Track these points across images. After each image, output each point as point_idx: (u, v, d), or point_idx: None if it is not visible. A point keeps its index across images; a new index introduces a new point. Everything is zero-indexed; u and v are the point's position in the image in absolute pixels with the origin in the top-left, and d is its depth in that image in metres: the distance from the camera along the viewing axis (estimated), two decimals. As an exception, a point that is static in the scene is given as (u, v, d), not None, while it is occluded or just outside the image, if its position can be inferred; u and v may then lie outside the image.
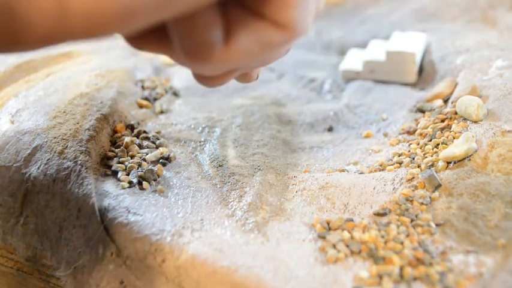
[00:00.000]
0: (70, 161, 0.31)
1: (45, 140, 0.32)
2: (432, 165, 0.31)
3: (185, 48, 0.21)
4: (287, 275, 0.24)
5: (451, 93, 0.38)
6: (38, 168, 0.31)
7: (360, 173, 0.32)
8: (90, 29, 0.17)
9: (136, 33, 0.21)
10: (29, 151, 0.32)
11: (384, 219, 0.27)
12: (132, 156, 0.33)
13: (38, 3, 0.16)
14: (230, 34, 0.21)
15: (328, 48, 0.54)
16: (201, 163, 0.34)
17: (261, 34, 0.21)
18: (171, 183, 0.32)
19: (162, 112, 0.40)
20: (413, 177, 0.30)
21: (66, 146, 0.32)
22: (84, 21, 0.16)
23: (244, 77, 0.29)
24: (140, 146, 0.35)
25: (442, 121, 0.34)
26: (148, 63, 0.48)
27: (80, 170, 0.30)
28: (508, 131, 0.31)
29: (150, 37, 0.22)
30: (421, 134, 0.34)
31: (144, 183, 0.31)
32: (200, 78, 0.26)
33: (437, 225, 0.27)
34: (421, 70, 0.45)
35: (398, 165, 0.32)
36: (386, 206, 0.28)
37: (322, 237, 0.26)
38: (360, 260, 0.25)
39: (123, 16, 0.16)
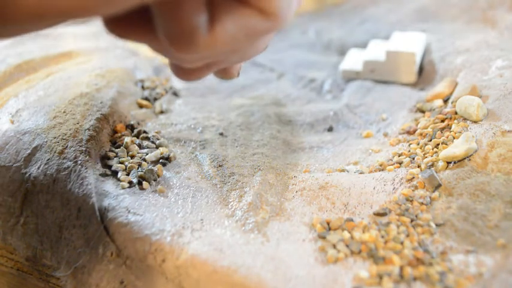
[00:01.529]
0: (70, 161, 0.31)
1: (45, 140, 0.32)
2: (432, 165, 0.31)
3: (169, 34, 0.20)
4: (287, 275, 0.24)
5: (451, 93, 0.38)
6: (38, 168, 0.31)
7: (360, 173, 0.32)
8: (74, 7, 0.17)
9: (117, 19, 0.21)
10: (29, 151, 0.32)
11: (384, 219, 0.27)
12: (132, 156, 0.33)
13: None
14: (215, 20, 0.21)
15: (328, 48, 0.54)
16: (201, 163, 0.34)
17: (245, 20, 0.21)
18: (171, 183, 0.32)
19: (162, 112, 0.40)
20: (413, 177, 0.30)
21: (66, 146, 0.32)
22: None
23: (225, 73, 0.28)
24: (140, 146, 0.35)
25: (442, 121, 0.34)
26: (148, 63, 0.48)
27: (80, 170, 0.30)
28: (508, 131, 0.31)
29: (131, 24, 0.21)
30: (421, 134, 0.34)
31: (144, 183, 0.31)
32: (178, 70, 0.26)
33: (437, 225, 0.27)
34: (421, 70, 0.45)
35: (398, 165, 0.32)
36: (386, 206, 0.28)
37: (322, 237, 0.26)
38: (360, 260, 0.25)
39: None
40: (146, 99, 0.41)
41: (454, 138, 0.32)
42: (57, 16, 0.17)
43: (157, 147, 0.35)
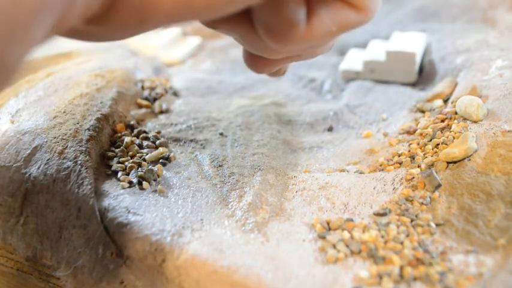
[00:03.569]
0: (70, 161, 0.31)
1: (45, 140, 0.32)
2: (432, 165, 0.31)
3: (270, 27, 0.22)
4: (287, 275, 0.24)
5: (451, 93, 0.38)
6: (38, 168, 0.31)
7: (360, 173, 0.32)
8: (210, 8, 0.18)
9: None
10: (29, 151, 0.32)
11: (384, 219, 0.27)
12: (132, 156, 0.33)
13: None
14: (312, 14, 0.22)
15: (328, 48, 0.54)
16: (201, 163, 0.34)
17: (340, 15, 0.22)
18: (171, 183, 0.32)
19: (162, 112, 0.40)
20: (413, 177, 0.30)
21: (66, 146, 0.32)
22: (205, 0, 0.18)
23: (276, 72, 0.30)
24: (140, 146, 0.35)
25: (442, 121, 0.34)
26: (148, 63, 0.48)
27: (80, 170, 0.30)
28: (508, 131, 0.31)
29: (227, 16, 0.22)
30: (421, 134, 0.34)
31: (144, 183, 0.31)
32: (254, 61, 0.27)
33: (437, 225, 0.27)
34: (421, 70, 0.45)
35: (398, 165, 0.32)
36: (386, 206, 0.28)
37: (322, 237, 0.26)
38: (360, 260, 0.25)
39: None
40: (146, 99, 0.41)
41: (454, 138, 0.32)
42: (189, 17, 0.19)
43: (157, 147, 0.35)
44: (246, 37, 0.24)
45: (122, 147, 0.34)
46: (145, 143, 0.35)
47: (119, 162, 0.33)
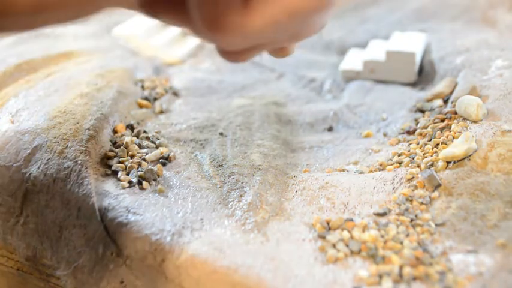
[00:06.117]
0: (70, 160, 0.31)
1: (45, 139, 0.32)
2: (432, 165, 0.31)
3: (202, 16, 0.19)
4: (287, 275, 0.24)
5: (451, 93, 0.38)
6: (38, 168, 0.31)
7: (360, 173, 0.32)
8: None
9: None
10: (29, 151, 0.32)
11: (384, 219, 0.27)
12: (132, 156, 0.33)
13: None
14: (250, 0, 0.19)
15: (328, 48, 0.54)
16: (201, 163, 0.34)
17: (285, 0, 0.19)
18: (171, 183, 0.32)
19: (162, 112, 0.40)
20: (413, 177, 0.30)
21: (66, 146, 0.32)
22: None
23: (279, 52, 0.26)
24: (140, 146, 0.35)
25: (442, 121, 0.34)
26: (149, 63, 0.48)
27: (80, 170, 0.30)
28: (508, 131, 0.31)
29: (165, 4, 0.21)
30: (421, 134, 0.34)
31: (144, 183, 0.31)
32: (223, 52, 0.24)
33: (437, 225, 0.27)
34: (421, 70, 0.45)
35: (398, 165, 0.32)
36: (386, 205, 0.28)
37: (322, 237, 0.26)
38: (360, 260, 0.25)
39: None
40: (146, 99, 0.41)
41: (453, 138, 0.32)
42: (54, 9, 0.18)
43: (157, 147, 0.35)
44: (191, 29, 0.21)
45: (121, 147, 0.34)
46: (145, 143, 0.35)
47: (119, 162, 0.33)
